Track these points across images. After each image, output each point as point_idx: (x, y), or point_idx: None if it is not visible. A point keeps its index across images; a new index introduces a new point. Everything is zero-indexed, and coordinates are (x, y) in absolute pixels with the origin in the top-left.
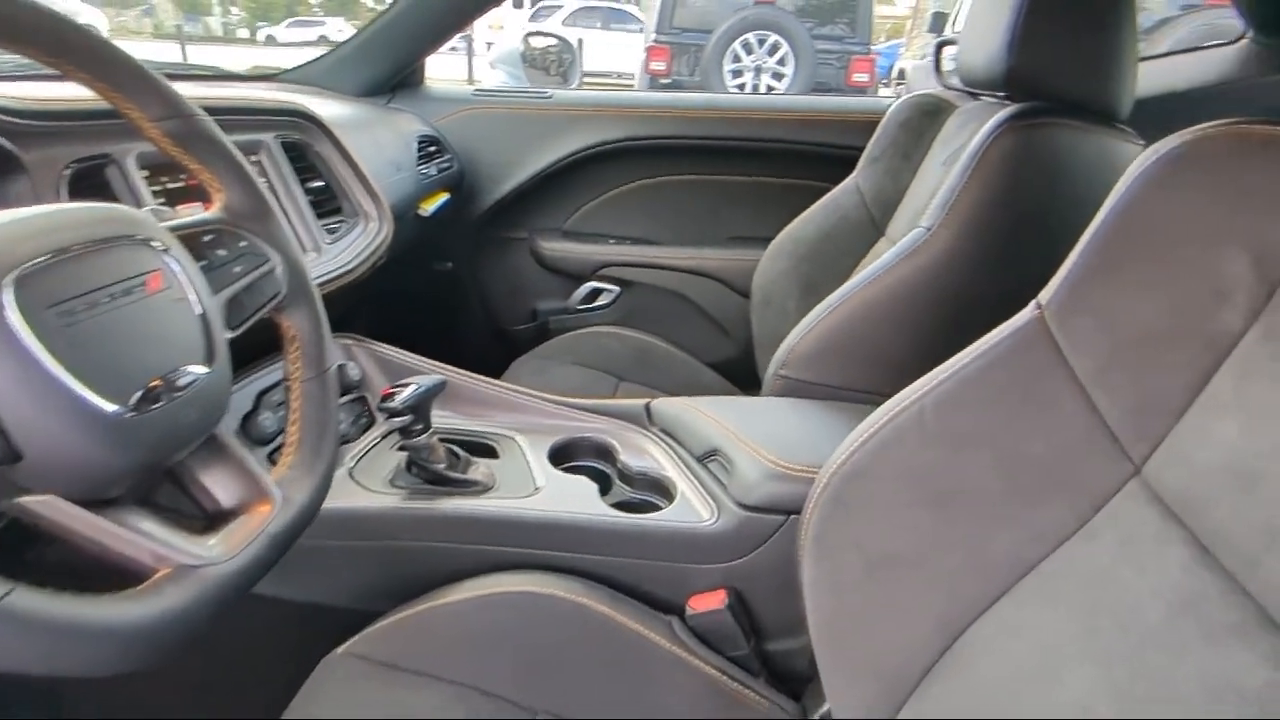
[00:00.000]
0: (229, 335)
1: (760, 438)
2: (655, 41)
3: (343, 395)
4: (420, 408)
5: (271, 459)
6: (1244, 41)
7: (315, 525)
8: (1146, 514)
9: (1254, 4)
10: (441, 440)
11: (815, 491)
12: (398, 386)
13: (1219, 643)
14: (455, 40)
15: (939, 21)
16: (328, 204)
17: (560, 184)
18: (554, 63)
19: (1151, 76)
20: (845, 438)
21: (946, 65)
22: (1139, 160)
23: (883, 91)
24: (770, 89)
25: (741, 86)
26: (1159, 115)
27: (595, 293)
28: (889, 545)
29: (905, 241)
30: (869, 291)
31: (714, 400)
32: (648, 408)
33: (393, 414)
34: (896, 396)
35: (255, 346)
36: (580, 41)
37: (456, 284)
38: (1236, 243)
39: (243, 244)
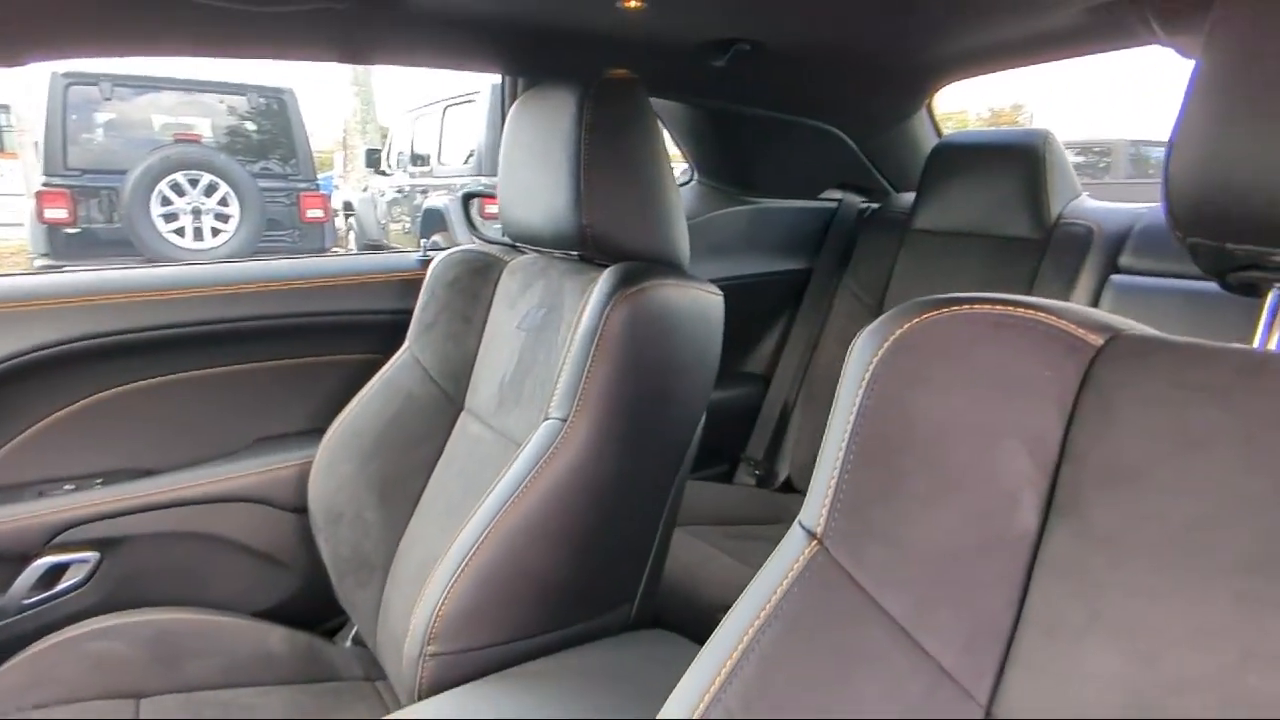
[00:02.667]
0: None
1: None
2: (46, 185)
3: None
4: None
5: None
6: (694, 182)
7: None
8: None
9: (697, 154)
10: None
11: None
12: None
13: None
14: None
15: (373, 157)
16: None
17: None
18: None
19: None
20: None
21: (482, 221)
22: (862, 352)
23: (338, 222)
24: (216, 231)
25: (180, 231)
26: None
27: (55, 571)
28: None
29: (539, 441)
30: (514, 512)
31: None
32: None
33: None
34: (675, 701)
35: None
36: None
37: None
38: (1010, 436)
39: None
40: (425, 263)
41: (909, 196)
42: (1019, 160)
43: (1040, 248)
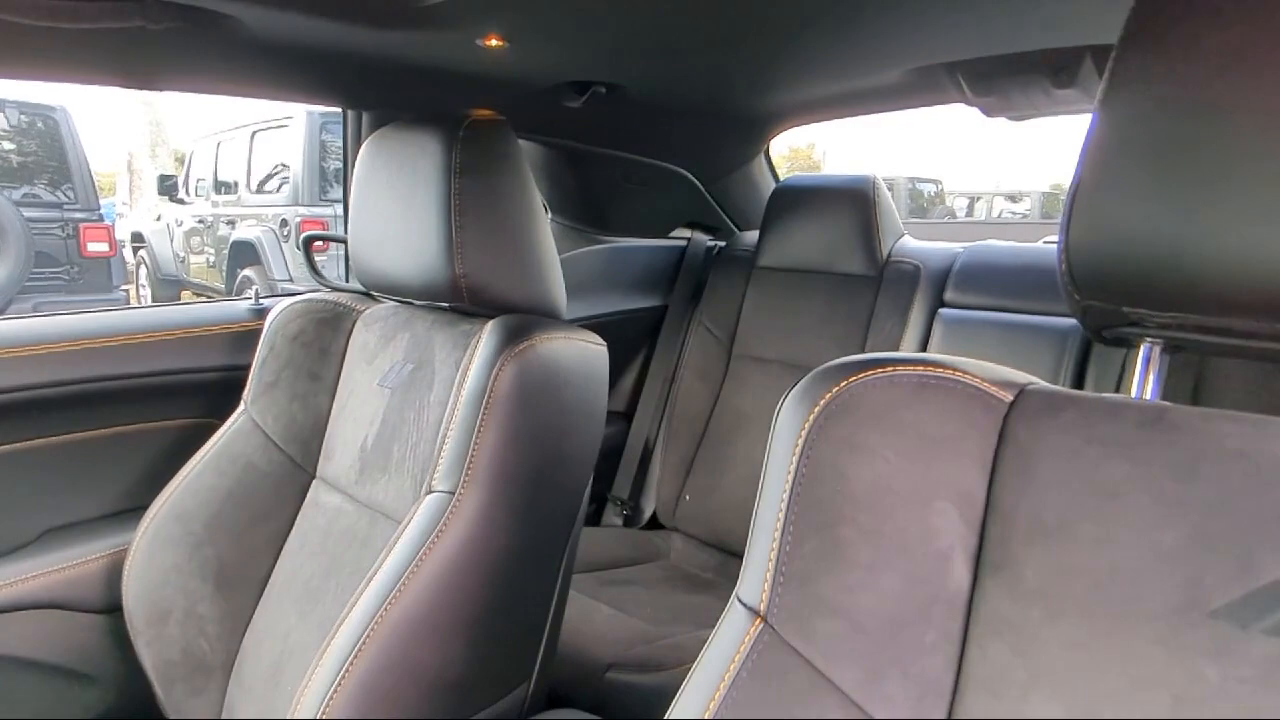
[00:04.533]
0: None
1: None
2: None
3: None
4: None
5: None
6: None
7: None
8: None
9: (550, 194)
10: None
11: None
12: None
13: None
14: None
15: (167, 183)
16: None
17: None
18: None
19: None
20: None
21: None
22: (791, 418)
23: (126, 255)
24: None
25: None
26: None
27: None
28: None
29: (423, 519)
30: (399, 605)
31: None
32: None
33: None
34: None
35: None
36: None
37: None
38: (940, 496)
39: None
40: (260, 312)
41: (752, 235)
42: (851, 203)
43: (875, 284)
